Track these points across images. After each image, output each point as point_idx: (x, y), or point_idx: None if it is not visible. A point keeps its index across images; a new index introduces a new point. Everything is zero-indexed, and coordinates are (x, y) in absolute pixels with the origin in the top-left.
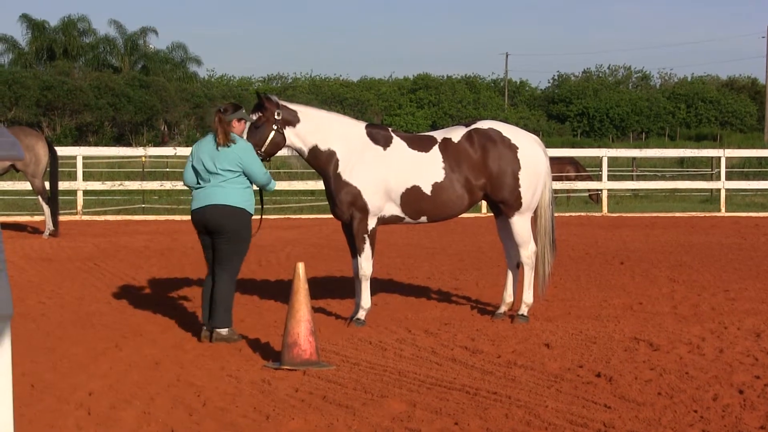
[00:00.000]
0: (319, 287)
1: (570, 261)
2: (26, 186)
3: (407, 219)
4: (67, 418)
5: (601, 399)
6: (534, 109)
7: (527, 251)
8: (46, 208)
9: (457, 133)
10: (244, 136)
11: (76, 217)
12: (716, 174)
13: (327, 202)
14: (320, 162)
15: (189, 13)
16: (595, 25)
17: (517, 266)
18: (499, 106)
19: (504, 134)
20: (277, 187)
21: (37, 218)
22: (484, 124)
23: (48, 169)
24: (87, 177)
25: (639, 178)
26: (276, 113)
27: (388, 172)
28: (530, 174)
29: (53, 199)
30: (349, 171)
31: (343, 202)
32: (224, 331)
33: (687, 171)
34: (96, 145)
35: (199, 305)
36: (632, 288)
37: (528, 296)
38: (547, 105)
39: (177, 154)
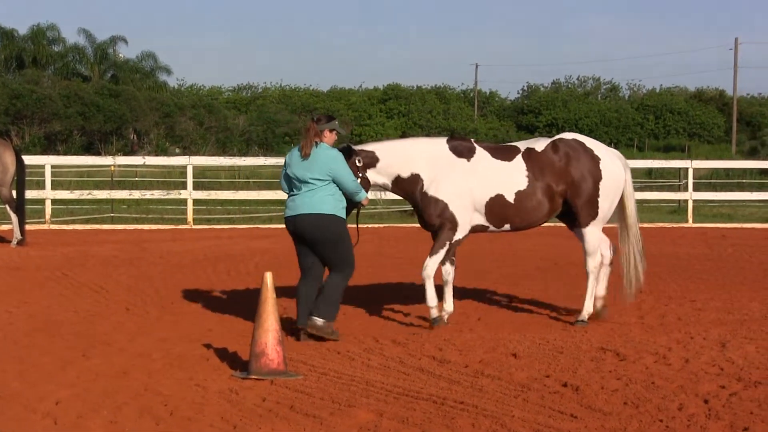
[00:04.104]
0: (288, 297)
1: (538, 271)
2: None
3: (491, 227)
4: (34, 427)
5: (568, 409)
6: (503, 120)
7: (594, 261)
8: (14, 217)
9: (540, 144)
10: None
11: (45, 226)
12: (684, 185)
13: None
14: (405, 187)
15: (159, 23)
16: (564, 37)
17: (609, 265)
18: (469, 117)
19: (588, 145)
20: (246, 197)
21: (4, 227)
22: (567, 135)
23: (15, 177)
24: (56, 186)
25: None
26: (357, 161)
27: (473, 183)
28: (610, 186)
29: (20, 208)
30: (435, 187)
31: (432, 215)
32: (320, 321)
33: (655, 182)
34: (65, 154)
35: (170, 311)
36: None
37: (588, 304)
38: (516, 115)
39: (146, 163)
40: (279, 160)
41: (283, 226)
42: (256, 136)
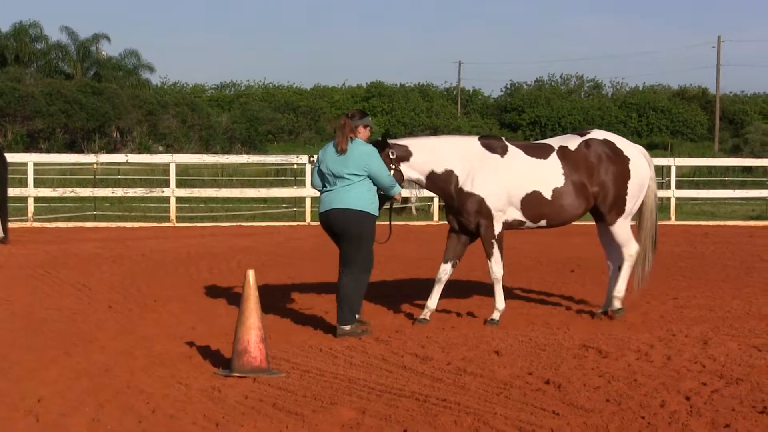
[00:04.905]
0: (270, 295)
1: (521, 269)
2: None
3: (528, 223)
4: (17, 425)
5: (550, 406)
6: (487, 118)
7: (630, 250)
8: None
9: (573, 142)
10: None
11: (27, 224)
12: (666, 183)
13: (280, 210)
14: (439, 183)
15: (142, 20)
16: (547, 35)
17: (619, 269)
18: (452, 115)
19: (618, 145)
20: (229, 195)
21: None
22: (599, 135)
23: None
24: (38, 184)
25: None
26: (390, 153)
27: (508, 179)
28: (636, 184)
29: (2, 206)
30: (470, 183)
31: (470, 212)
32: (347, 327)
33: None
34: (48, 152)
35: (153, 309)
36: (582, 295)
37: (621, 289)
38: (499, 113)
39: (129, 161)
40: (262, 158)
41: (266, 224)
42: (239, 134)
